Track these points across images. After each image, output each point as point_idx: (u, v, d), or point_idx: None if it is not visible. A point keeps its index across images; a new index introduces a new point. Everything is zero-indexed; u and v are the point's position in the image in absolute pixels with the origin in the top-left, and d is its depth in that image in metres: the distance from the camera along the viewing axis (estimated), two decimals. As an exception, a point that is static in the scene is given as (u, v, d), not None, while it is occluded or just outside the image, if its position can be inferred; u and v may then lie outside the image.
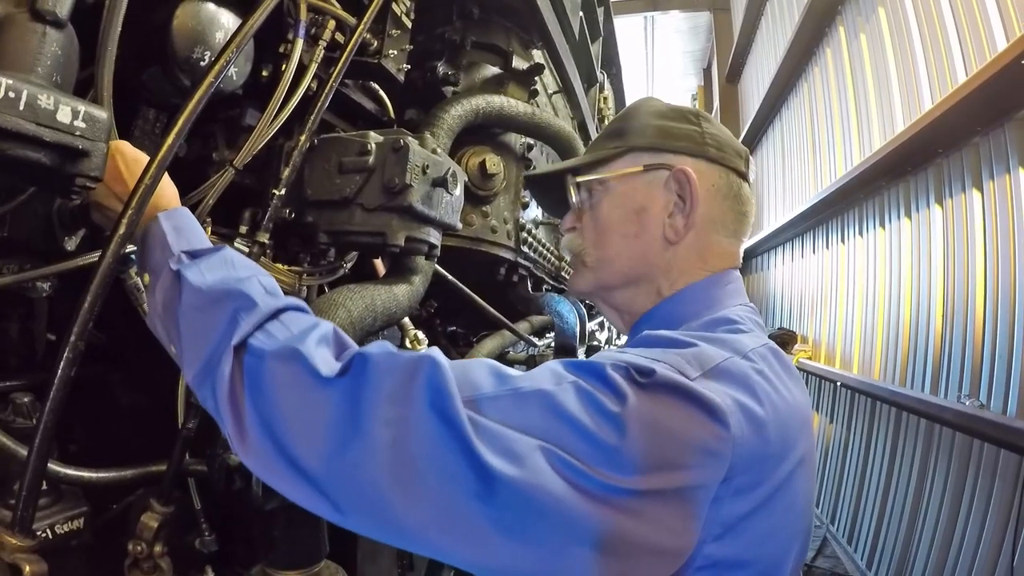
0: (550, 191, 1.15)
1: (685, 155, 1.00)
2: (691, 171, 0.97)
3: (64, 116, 0.77)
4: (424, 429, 0.64)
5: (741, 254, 1.05)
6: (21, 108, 0.72)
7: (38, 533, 0.96)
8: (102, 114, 0.80)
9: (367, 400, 0.67)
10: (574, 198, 1.06)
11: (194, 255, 0.87)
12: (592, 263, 1.04)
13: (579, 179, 1.06)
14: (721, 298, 0.97)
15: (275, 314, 0.81)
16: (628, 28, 13.96)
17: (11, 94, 0.71)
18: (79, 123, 0.78)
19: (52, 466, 0.95)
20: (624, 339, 1.12)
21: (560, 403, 0.67)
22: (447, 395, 0.65)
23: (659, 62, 16.77)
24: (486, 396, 0.68)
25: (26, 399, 1.04)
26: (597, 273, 1.03)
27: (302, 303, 0.87)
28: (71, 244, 1.04)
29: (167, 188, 0.96)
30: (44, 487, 1.01)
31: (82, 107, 0.78)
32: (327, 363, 0.72)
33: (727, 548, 0.69)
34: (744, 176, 1.05)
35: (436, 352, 0.71)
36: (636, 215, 0.99)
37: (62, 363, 0.77)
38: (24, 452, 0.83)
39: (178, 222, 0.92)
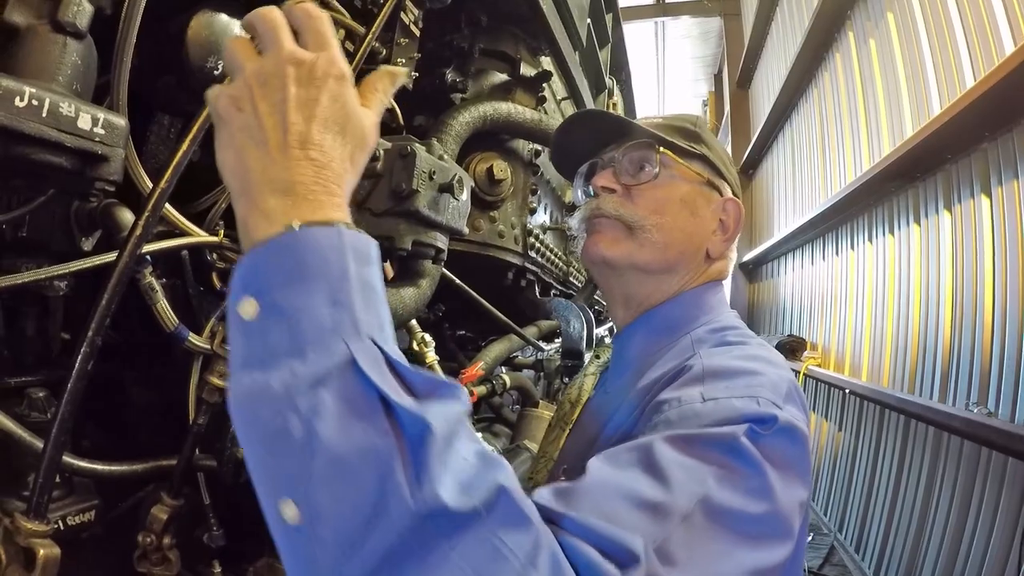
0: (591, 134, 1.11)
1: (729, 189, 1.08)
2: (741, 206, 1.06)
3: (84, 123, 0.80)
4: None
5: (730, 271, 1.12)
6: (44, 115, 0.76)
7: (51, 522, 0.99)
8: (120, 121, 0.84)
9: None
10: (653, 167, 1.01)
11: (397, 369, 0.53)
12: (645, 240, 1.00)
13: (663, 150, 1.02)
14: (714, 305, 1.03)
15: None
16: (638, 34, 13.98)
17: (35, 102, 0.75)
18: (98, 129, 0.81)
19: (66, 458, 0.98)
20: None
21: (719, 506, 0.62)
22: None
23: (670, 68, 16.77)
24: (665, 539, 0.58)
25: (41, 394, 1.07)
26: (646, 252, 1.00)
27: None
28: (88, 244, 1.07)
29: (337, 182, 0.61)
30: (58, 479, 1.04)
31: (101, 114, 0.82)
32: None
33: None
34: None
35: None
36: (692, 217, 1.03)
37: (79, 357, 0.80)
38: (39, 445, 0.86)
39: (367, 273, 0.58)
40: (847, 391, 6.06)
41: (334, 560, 0.46)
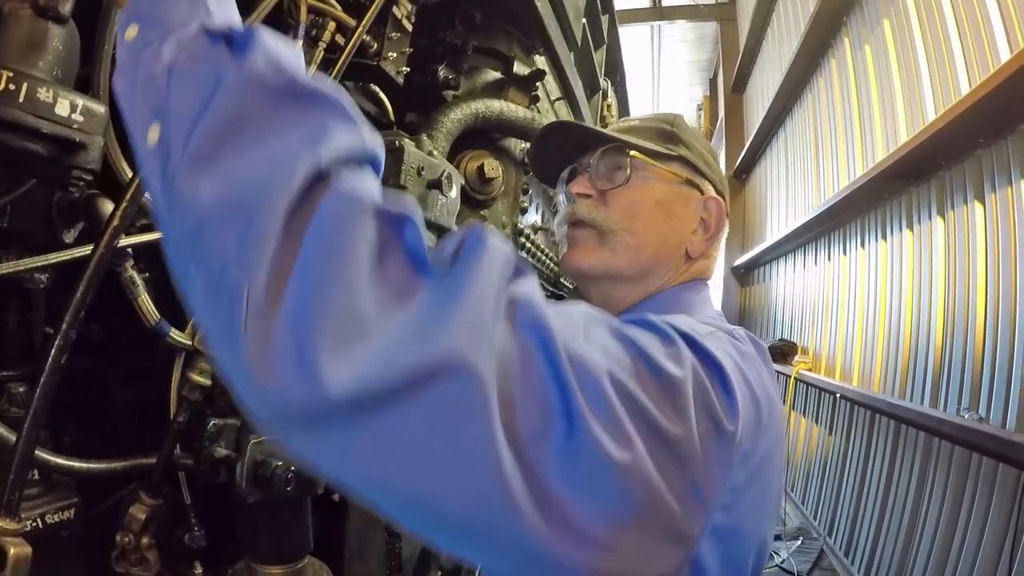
0: (559, 148, 1.12)
1: (712, 187, 1.07)
2: (723, 204, 1.06)
3: (62, 109, 0.78)
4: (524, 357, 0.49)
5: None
6: (21, 100, 0.74)
7: (28, 522, 0.97)
8: (99, 108, 0.82)
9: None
10: (624, 170, 1.02)
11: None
12: (616, 245, 1.00)
13: (634, 154, 1.02)
14: (695, 303, 1.02)
15: (373, 160, 0.57)
16: (634, 37, 14.00)
17: (12, 86, 0.73)
18: (77, 116, 0.79)
19: (43, 455, 0.96)
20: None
21: (625, 333, 0.61)
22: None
23: (665, 71, 16.80)
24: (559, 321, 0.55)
25: (21, 389, 1.05)
26: (618, 257, 1.01)
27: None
28: (69, 236, 1.06)
29: None
30: (36, 477, 1.02)
31: (80, 101, 0.80)
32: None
33: (727, 516, 0.67)
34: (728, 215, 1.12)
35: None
36: (669, 218, 1.03)
37: (53, 350, 0.78)
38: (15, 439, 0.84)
39: None
40: (838, 395, 6.06)
41: (183, 138, 0.51)
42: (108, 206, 0.97)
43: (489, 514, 0.47)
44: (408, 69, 1.50)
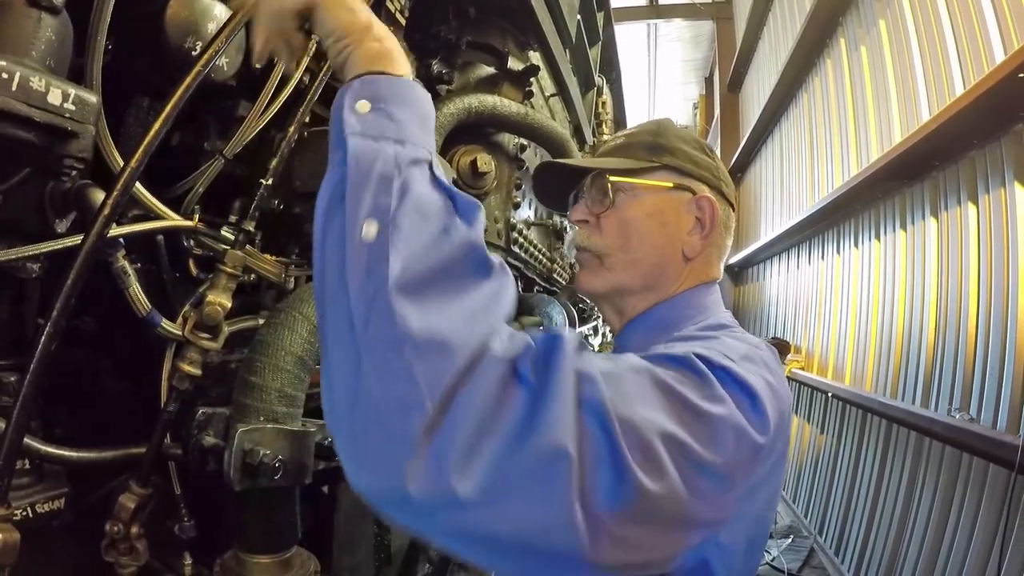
0: (558, 179, 1.17)
1: (705, 185, 1.09)
2: (714, 200, 1.07)
3: (55, 98, 0.79)
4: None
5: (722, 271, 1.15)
6: (13, 89, 0.74)
7: (19, 511, 0.98)
8: (91, 98, 0.82)
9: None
10: (608, 195, 1.07)
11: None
12: (613, 264, 1.06)
13: (615, 179, 1.07)
14: (708, 305, 1.07)
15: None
16: (630, 35, 13.99)
17: (4, 75, 0.74)
18: (69, 105, 0.80)
19: (33, 443, 0.96)
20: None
21: (666, 382, 0.69)
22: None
23: (661, 70, 16.81)
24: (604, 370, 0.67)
25: (12, 379, 1.05)
26: (618, 275, 1.06)
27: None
28: (62, 226, 1.06)
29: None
30: (27, 467, 1.03)
31: (72, 90, 0.80)
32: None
33: (751, 504, 0.79)
34: (734, 209, 1.15)
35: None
36: (662, 227, 1.06)
37: (43, 338, 0.78)
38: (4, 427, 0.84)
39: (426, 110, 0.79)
40: (830, 394, 6.09)
41: (403, 263, 0.61)
42: (100, 195, 0.97)
43: (559, 543, 0.58)
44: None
